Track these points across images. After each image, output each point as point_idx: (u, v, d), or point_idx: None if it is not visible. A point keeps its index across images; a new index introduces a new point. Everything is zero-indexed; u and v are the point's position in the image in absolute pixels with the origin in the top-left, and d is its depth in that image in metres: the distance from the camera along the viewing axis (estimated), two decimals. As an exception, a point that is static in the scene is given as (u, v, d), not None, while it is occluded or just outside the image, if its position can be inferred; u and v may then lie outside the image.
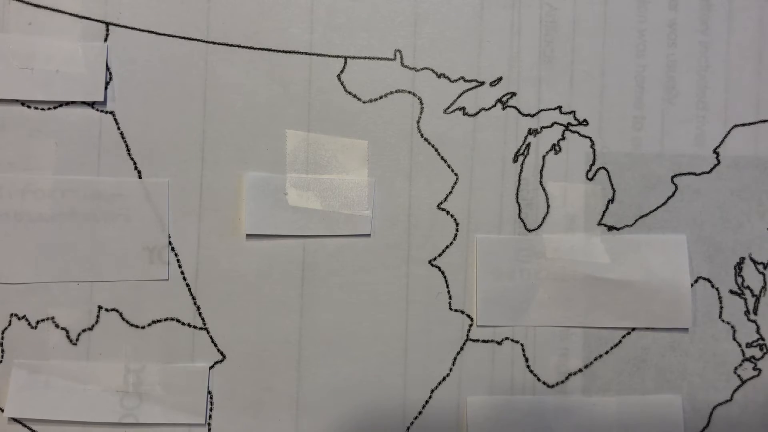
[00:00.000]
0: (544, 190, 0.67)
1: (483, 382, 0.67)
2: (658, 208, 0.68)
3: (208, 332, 0.65)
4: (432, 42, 0.66)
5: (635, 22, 0.67)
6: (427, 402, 0.67)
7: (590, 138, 0.67)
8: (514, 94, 0.66)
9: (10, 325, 0.64)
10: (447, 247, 0.66)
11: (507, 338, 0.68)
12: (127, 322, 0.64)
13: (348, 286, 0.65)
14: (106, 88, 0.65)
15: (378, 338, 0.66)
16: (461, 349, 0.68)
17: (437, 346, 0.67)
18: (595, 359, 0.67)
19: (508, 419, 0.66)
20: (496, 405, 0.66)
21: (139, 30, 0.65)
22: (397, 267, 0.66)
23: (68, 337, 0.65)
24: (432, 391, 0.68)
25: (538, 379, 0.67)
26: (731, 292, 0.68)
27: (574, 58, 0.67)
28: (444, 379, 0.67)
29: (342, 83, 0.65)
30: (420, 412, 0.67)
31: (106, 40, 0.65)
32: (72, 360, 0.65)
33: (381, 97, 0.66)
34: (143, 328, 0.65)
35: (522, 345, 0.68)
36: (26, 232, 0.64)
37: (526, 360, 0.67)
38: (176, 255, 0.64)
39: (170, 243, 0.64)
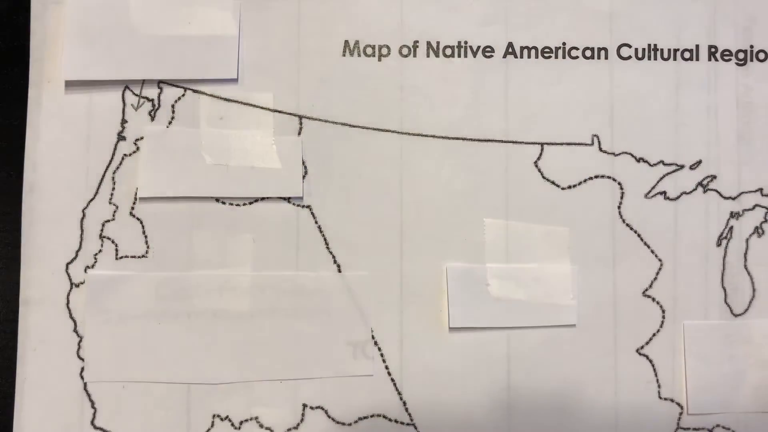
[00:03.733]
0: (749, 274, 0.64)
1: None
2: None
3: (415, 428, 0.63)
4: (630, 126, 0.65)
5: (835, 98, 0.65)
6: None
7: (793, 219, 0.64)
8: (714, 177, 0.65)
9: (213, 426, 0.63)
10: (654, 334, 0.64)
11: (718, 425, 0.67)
12: (333, 419, 0.63)
13: (554, 378, 0.63)
14: (302, 181, 0.63)
15: (587, 429, 0.63)
16: (672, 438, 0.64)
17: (648, 437, 0.64)
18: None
19: None
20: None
21: (333, 122, 0.63)
22: (604, 356, 0.64)
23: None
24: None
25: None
26: None
27: (773, 138, 0.64)
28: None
29: (539, 170, 0.64)
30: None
31: (299, 133, 0.63)
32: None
33: (580, 183, 0.65)
34: (349, 425, 0.63)
35: (734, 433, 0.64)
36: (226, 331, 0.63)
37: (740, 449, 0.64)
38: (380, 349, 0.63)
39: (373, 337, 0.63)
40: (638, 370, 0.64)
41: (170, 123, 0.63)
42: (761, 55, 0.65)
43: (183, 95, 0.64)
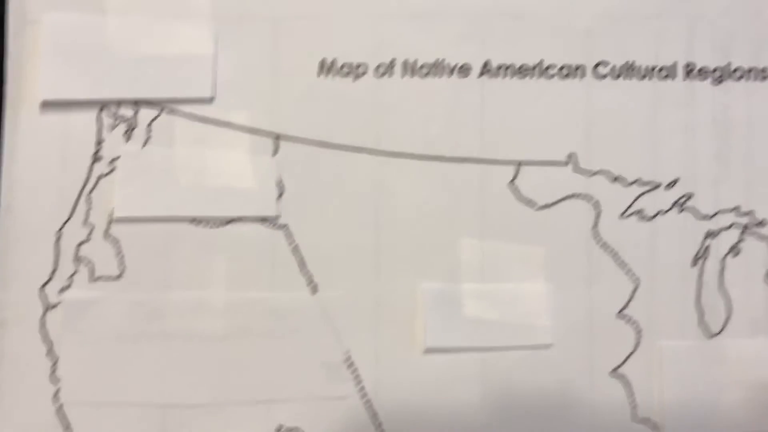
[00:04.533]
0: (725, 293, 0.64)
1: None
2: None
3: (390, 450, 0.63)
4: (606, 145, 0.65)
5: (811, 115, 0.64)
6: None
7: (770, 239, 0.64)
8: (690, 195, 0.64)
9: (187, 447, 0.62)
10: (629, 355, 0.64)
11: (694, 447, 0.63)
12: (308, 441, 0.63)
13: (531, 398, 0.63)
14: (277, 201, 0.63)
15: (563, 451, 0.63)
16: (649, 460, 0.64)
17: (624, 458, 0.64)
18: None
19: None
20: None
21: (309, 142, 0.63)
22: (580, 377, 0.64)
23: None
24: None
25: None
26: None
27: (750, 156, 0.65)
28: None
29: (514, 189, 0.63)
30: None
31: (275, 153, 0.63)
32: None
33: (555, 203, 0.64)
34: (324, 447, 0.63)
35: (710, 454, 0.64)
36: (200, 352, 0.63)
37: (717, 469, 0.64)
38: (355, 370, 0.63)
39: (348, 358, 0.63)
40: (614, 391, 0.64)
41: (146, 143, 0.63)
42: (738, 73, 0.65)
43: (159, 115, 0.64)
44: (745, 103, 0.66)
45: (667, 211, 0.65)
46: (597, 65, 0.66)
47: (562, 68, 0.66)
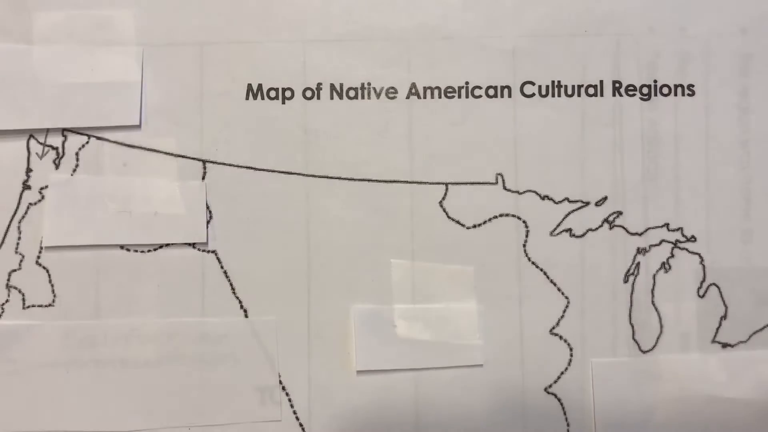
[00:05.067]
0: (656, 309, 0.64)
1: None
2: (773, 322, 0.64)
3: (324, 473, 0.63)
4: (534, 164, 0.65)
5: (738, 133, 0.65)
6: None
7: (699, 254, 0.66)
8: (620, 213, 0.64)
9: (121, 473, 0.62)
10: (562, 373, 0.64)
11: (628, 463, 0.63)
12: (241, 465, 0.63)
13: (463, 418, 0.63)
14: (206, 226, 0.63)
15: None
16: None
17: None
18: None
19: None
20: None
21: (237, 166, 0.63)
22: (512, 396, 0.63)
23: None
24: None
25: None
26: None
27: (678, 173, 0.65)
28: None
29: (444, 210, 0.63)
30: None
31: (203, 178, 0.63)
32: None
33: (485, 222, 0.64)
34: (258, 470, 0.63)
35: (643, 469, 0.63)
36: (133, 379, 0.62)
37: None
38: (287, 394, 0.63)
39: (281, 382, 0.63)
40: (548, 409, 0.64)
41: (74, 171, 0.63)
42: (665, 90, 0.65)
43: (87, 143, 0.63)
44: (672, 119, 0.66)
45: (596, 228, 0.65)
46: (523, 85, 0.66)
47: (488, 89, 0.65)
